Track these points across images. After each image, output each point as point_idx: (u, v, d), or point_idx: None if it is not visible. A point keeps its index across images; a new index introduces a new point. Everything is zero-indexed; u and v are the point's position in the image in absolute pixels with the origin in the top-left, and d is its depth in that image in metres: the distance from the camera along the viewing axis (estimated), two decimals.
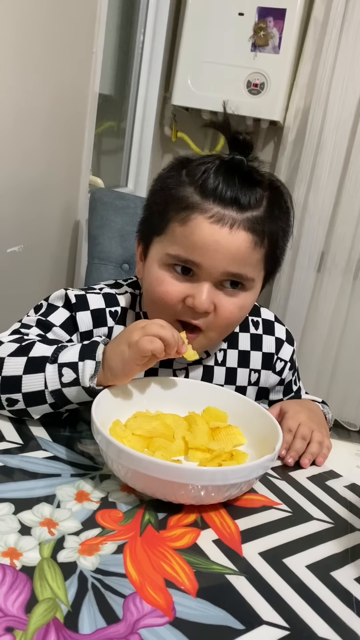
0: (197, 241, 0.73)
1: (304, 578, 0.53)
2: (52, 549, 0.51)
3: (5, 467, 0.63)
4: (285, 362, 0.94)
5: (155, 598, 0.47)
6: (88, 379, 0.68)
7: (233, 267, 0.75)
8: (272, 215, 0.77)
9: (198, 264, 0.74)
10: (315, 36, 2.06)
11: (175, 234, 0.76)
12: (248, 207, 0.74)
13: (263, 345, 0.92)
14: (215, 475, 0.58)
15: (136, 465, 0.57)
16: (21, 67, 1.29)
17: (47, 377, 0.69)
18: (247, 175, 0.75)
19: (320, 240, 2.19)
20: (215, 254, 0.73)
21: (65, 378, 0.69)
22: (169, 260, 0.76)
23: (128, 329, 0.70)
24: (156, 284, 0.78)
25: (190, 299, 0.75)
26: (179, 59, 2.12)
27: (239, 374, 0.91)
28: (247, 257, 0.75)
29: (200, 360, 0.87)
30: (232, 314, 0.78)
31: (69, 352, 0.70)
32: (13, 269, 1.43)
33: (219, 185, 0.73)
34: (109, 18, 1.71)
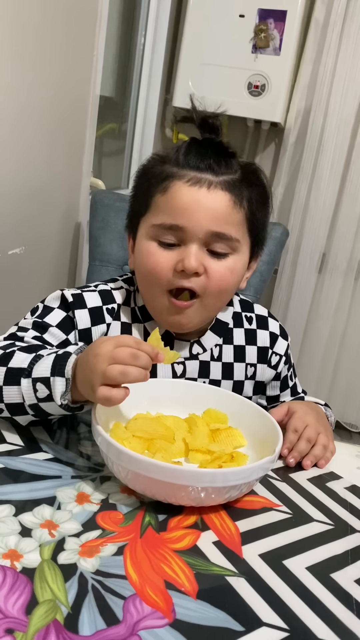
0: (179, 204, 0.77)
1: (304, 580, 0.53)
2: (52, 550, 0.51)
3: (6, 469, 0.63)
4: (280, 356, 0.95)
5: (155, 600, 0.47)
6: (59, 397, 0.65)
7: (216, 226, 0.77)
8: (247, 181, 0.81)
9: (182, 227, 0.77)
10: (315, 38, 2.06)
11: (158, 204, 0.79)
12: (223, 172, 0.78)
13: (257, 339, 0.94)
14: (215, 477, 0.58)
15: (136, 467, 0.58)
16: (22, 69, 1.29)
17: (23, 391, 0.67)
18: (219, 145, 0.80)
19: (322, 241, 2.19)
20: (196, 213, 0.76)
21: (40, 394, 0.66)
22: (156, 231, 0.79)
23: (94, 347, 0.63)
24: (146, 257, 0.80)
25: (180, 263, 0.77)
26: (180, 61, 2.12)
27: (235, 368, 0.91)
28: (228, 215, 0.78)
29: (196, 356, 0.88)
30: (223, 276, 0.79)
31: (43, 364, 0.67)
32: (14, 270, 1.43)
33: (193, 156, 0.78)
34: (109, 20, 1.72)
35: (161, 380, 0.83)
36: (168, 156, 0.81)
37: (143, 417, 0.72)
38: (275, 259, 1.60)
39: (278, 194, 2.24)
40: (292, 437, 0.76)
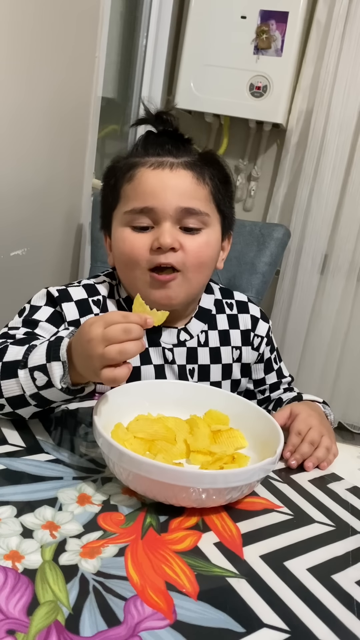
0: (146, 187, 0.82)
1: (305, 581, 0.53)
2: (53, 551, 0.52)
3: (7, 470, 0.63)
4: (262, 338, 0.99)
5: (156, 601, 0.47)
6: (59, 381, 0.66)
7: (184, 202, 0.81)
8: (206, 161, 0.86)
9: (152, 208, 0.81)
10: (317, 39, 2.06)
11: (127, 193, 0.84)
12: (182, 154, 0.84)
13: (240, 323, 0.98)
14: (216, 478, 0.58)
15: (138, 468, 0.58)
16: (24, 71, 1.29)
17: (22, 383, 0.68)
18: (176, 134, 0.87)
19: (323, 242, 2.19)
20: (164, 193, 0.81)
21: (39, 382, 0.67)
22: (128, 217, 0.83)
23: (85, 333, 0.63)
24: (122, 243, 0.84)
25: (156, 242, 0.81)
26: (182, 62, 2.12)
27: (222, 352, 0.94)
28: (194, 191, 0.83)
29: (184, 342, 0.91)
30: (200, 249, 0.83)
31: (37, 352, 0.68)
32: (16, 272, 1.43)
33: (152, 144, 0.85)
34: (111, 21, 1.72)
35: (162, 382, 0.83)
36: (131, 151, 0.88)
37: (144, 418, 0.72)
38: (277, 260, 1.60)
39: (280, 194, 2.24)
40: (295, 439, 0.76)
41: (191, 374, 0.92)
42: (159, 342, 0.90)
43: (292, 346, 2.30)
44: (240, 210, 2.37)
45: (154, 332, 0.89)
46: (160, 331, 0.90)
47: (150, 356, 0.89)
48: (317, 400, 0.93)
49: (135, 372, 0.86)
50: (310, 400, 0.92)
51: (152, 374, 0.88)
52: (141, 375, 0.87)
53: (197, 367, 0.92)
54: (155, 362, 0.89)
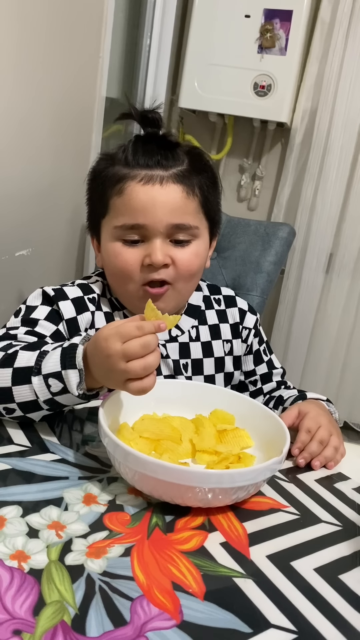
0: (136, 204, 0.82)
1: (312, 581, 0.53)
2: (59, 551, 0.51)
3: (13, 470, 0.63)
4: (249, 329, 1.01)
5: (163, 601, 0.47)
6: (76, 388, 0.66)
7: (174, 218, 0.82)
8: (195, 168, 0.86)
9: (143, 225, 0.82)
10: (322, 37, 2.05)
11: (116, 206, 0.84)
12: (172, 165, 0.83)
13: (228, 317, 1.00)
14: (222, 478, 0.58)
15: (143, 468, 0.58)
16: (28, 72, 1.29)
17: (36, 389, 0.68)
18: (164, 140, 0.85)
19: (329, 241, 2.18)
20: (154, 210, 0.81)
21: (54, 388, 0.67)
22: (118, 232, 0.84)
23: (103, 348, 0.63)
24: (114, 258, 0.85)
25: (148, 258, 0.82)
26: (186, 62, 2.12)
27: (214, 346, 0.97)
28: (184, 206, 0.83)
29: (175, 338, 0.93)
30: (190, 262, 0.85)
31: (51, 359, 0.67)
32: (21, 272, 1.43)
33: (141, 154, 0.83)
34: (115, 21, 1.72)
35: (168, 381, 0.83)
36: (116, 156, 0.86)
37: (150, 418, 0.72)
38: (282, 259, 1.60)
39: (285, 194, 2.24)
40: (305, 437, 0.76)
41: (185, 368, 0.93)
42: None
43: (298, 345, 2.29)
44: (244, 210, 2.37)
45: None
46: None
47: None
48: (320, 398, 0.93)
49: None
50: (314, 398, 0.92)
51: None
52: None
53: (190, 362, 0.94)
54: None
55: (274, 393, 1.01)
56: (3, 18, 1.18)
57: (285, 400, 0.97)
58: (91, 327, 0.88)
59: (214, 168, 0.91)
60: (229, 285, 1.54)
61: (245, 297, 1.49)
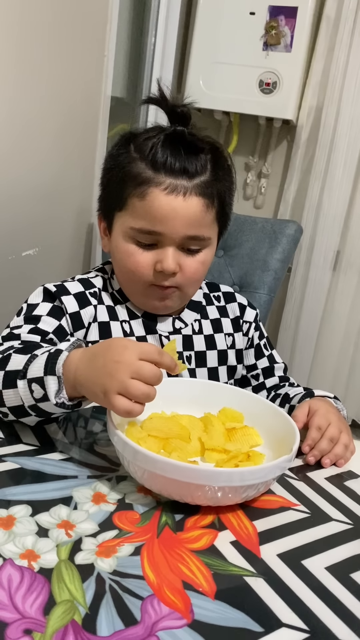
0: (157, 212, 0.82)
1: (323, 580, 0.52)
2: (69, 550, 0.51)
3: (22, 469, 0.63)
4: (250, 323, 1.02)
5: (173, 600, 0.47)
6: (54, 396, 0.64)
7: (191, 231, 0.84)
8: (217, 177, 0.86)
9: (160, 233, 0.83)
10: (327, 34, 2.04)
11: (136, 208, 0.83)
12: (196, 174, 0.83)
13: (228, 312, 1.02)
14: (232, 476, 0.58)
15: (152, 466, 0.57)
16: (34, 72, 1.29)
17: (21, 394, 0.66)
18: (191, 144, 0.84)
19: (335, 239, 2.17)
20: (174, 221, 0.82)
21: (36, 394, 0.65)
22: (135, 234, 0.84)
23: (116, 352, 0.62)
24: (126, 257, 0.86)
25: (159, 265, 0.84)
26: (191, 60, 2.11)
27: (217, 339, 0.98)
28: (202, 219, 0.84)
29: (179, 330, 0.94)
30: (196, 270, 0.87)
31: (37, 363, 0.66)
32: (28, 271, 1.44)
33: (167, 159, 0.82)
34: (120, 21, 1.72)
35: (176, 380, 0.83)
36: (140, 149, 0.83)
37: (158, 416, 0.72)
38: (288, 258, 1.59)
39: (291, 191, 2.23)
40: (315, 434, 0.76)
41: (188, 360, 0.94)
42: (155, 329, 0.92)
43: (305, 343, 2.28)
44: (251, 208, 2.36)
45: (151, 320, 0.92)
46: (156, 320, 0.93)
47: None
48: (328, 396, 0.92)
49: None
50: (322, 395, 0.91)
51: None
52: None
53: (193, 354, 0.95)
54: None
55: (279, 390, 1.01)
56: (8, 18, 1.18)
57: (291, 398, 0.96)
58: (94, 320, 0.89)
59: (232, 167, 0.91)
60: (236, 283, 1.54)
61: (253, 295, 1.49)
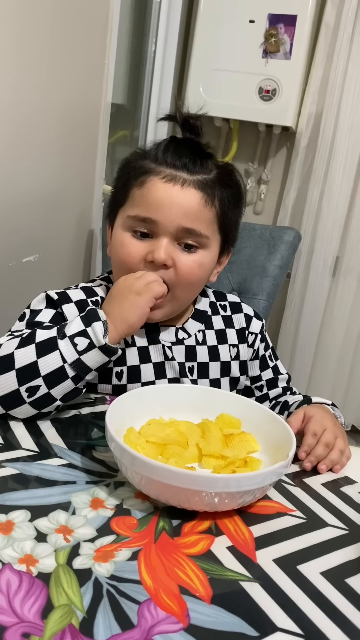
0: (153, 199, 0.82)
1: (319, 585, 0.53)
2: (67, 555, 0.52)
3: (21, 475, 0.63)
4: (256, 335, 1.01)
5: (170, 604, 0.48)
6: (102, 337, 0.74)
7: (187, 222, 0.82)
8: (221, 182, 0.86)
9: (155, 221, 0.82)
10: (326, 41, 2.06)
11: (135, 197, 0.85)
12: (197, 171, 0.84)
13: (234, 323, 1.00)
14: (229, 482, 0.58)
15: (150, 472, 0.58)
16: (34, 78, 1.30)
17: (63, 352, 0.73)
18: (197, 145, 0.86)
19: (335, 244, 2.18)
20: (169, 209, 0.82)
21: (80, 346, 0.74)
22: (130, 222, 0.85)
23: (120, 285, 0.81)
24: (120, 247, 0.86)
25: (150, 255, 0.83)
26: (191, 67, 2.13)
27: (220, 350, 0.97)
28: (199, 213, 0.83)
29: (182, 341, 0.94)
30: (191, 269, 0.85)
31: (73, 325, 0.75)
32: (29, 278, 1.44)
33: (170, 154, 0.84)
34: (120, 27, 1.73)
35: (174, 386, 0.84)
36: (149, 151, 0.87)
37: (156, 422, 0.73)
38: (288, 263, 1.60)
39: (290, 197, 2.24)
40: (311, 440, 0.77)
41: (190, 371, 0.93)
42: (158, 339, 0.92)
43: (305, 349, 2.29)
44: (250, 214, 2.37)
45: (153, 330, 0.92)
46: (159, 330, 0.92)
47: (150, 354, 0.91)
48: (325, 403, 0.93)
49: (135, 371, 0.89)
50: (319, 402, 0.92)
51: (151, 373, 0.90)
52: (141, 374, 0.89)
53: (196, 365, 0.94)
54: (155, 360, 0.91)
55: (280, 398, 1.02)
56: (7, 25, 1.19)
57: (290, 405, 0.97)
58: None
59: (242, 188, 0.91)
60: (234, 290, 1.55)
61: (251, 301, 1.49)
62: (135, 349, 0.89)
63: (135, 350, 0.89)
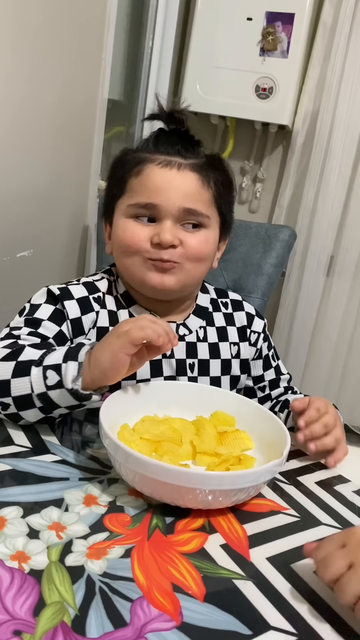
0: (152, 184, 0.84)
1: (312, 583, 0.53)
2: (60, 552, 0.52)
3: (14, 471, 0.63)
4: (258, 334, 1.01)
5: (163, 602, 0.47)
6: (70, 381, 0.67)
7: (187, 202, 0.84)
8: (212, 166, 0.88)
9: (156, 205, 0.83)
10: (323, 40, 2.06)
11: (133, 186, 0.86)
12: (190, 157, 0.86)
13: (235, 321, 1.00)
14: (222, 480, 0.58)
15: (144, 469, 0.58)
16: (30, 73, 1.30)
17: (33, 380, 0.69)
18: (185, 133, 0.89)
19: (330, 244, 2.18)
20: (169, 192, 0.83)
21: (50, 380, 0.68)
22: (131, 210, 0.85)
23: (116, 326, 0.71)
24: (123, 233, 0.86)
25: (156, 237, 0.83)
26: (188, 64, 2.12)
27: (221, 347, 0.96)
28: (198, 194, 0.85)
29: (183, 337, 0.93)
30: (199, 244, 0.86)
31: (55, 354, 0.70)
32: (23, 273, 1.44)
33: (162, 142, 0.87)
34: (118, 24, 1.72)
35: (169, 383, 0.83)
36: (140, 145, 0.90)
37: (150, 419, 0.72)
38: (282, 262, 1.60)
39: (286, 196, 2.24)
40: (313, 413, 0.77)
41: (191, 368, 0.93)
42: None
43: (298, 348, 2.29)
44: (245, 212, 2.37)
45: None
46: None
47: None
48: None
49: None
50: None
51: (147, 370, 0.89)
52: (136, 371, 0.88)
53: (196, 362, 0.93)
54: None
55: (281, 397, 1.02)
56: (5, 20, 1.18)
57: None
58: (93, 326, 0.88)
59: (231, 173, 0.93)
60: (229, 288, 1.55)
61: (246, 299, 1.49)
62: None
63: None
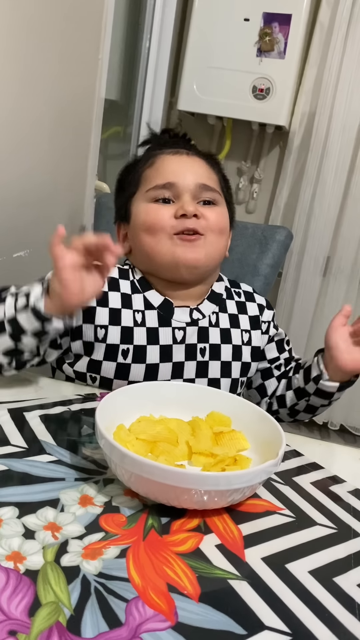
0: (167, 169, 0.93)
1: (307, 583, 0.53)
2: (55, 552, 0.52)
3: (9, 471, 0.63)
4: (269, 322, 1.06)
5: (158, 602, 0.47)
6: (34, 300, 0.75)
7: (202, 179, 0.93)
8: (211, 162, 0.99)
9: (174, 183, 0.91)
10: (320, 41, 2.06)
11: (148, 176, 0.94)
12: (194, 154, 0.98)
13: (247, 310, 1.04)
14: (218, 480, 0.58)
15: (139, 469, 0.58)
16: (27, 73, 1.30)
17: (6, 307, 0.77)
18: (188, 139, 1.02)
19: (326, 244, 2.19)
20: (184, 171, 0.93)
21: (19, 303, 0.76)
22: (151, 193, 0.92)
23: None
24: (147, 215, 0.92)
25: (180, 209, 0.89)
26: (185, 64, 2.13)
27: (232, 333, 1.00)
28: (209, 173, 0.95)
29: (196, 321, 0.96)
30: (218, 216, 0.93)
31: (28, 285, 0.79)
32: (19, 273, 1.43)
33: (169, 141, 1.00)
34: (115, 24, 1.72)
35: (165, 383, 0.83)
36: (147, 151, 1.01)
37: (146, 419, 0.72)
38: (279, 263, 1.60)
39: (282, 197, 2.24)
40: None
41: (202, 352, 0.95)
42: (170, 321, 0.93)
43: (295, 348, 2.28)
44: (242, 212, 2.37)
45: (167, 311, 0.94)
46: (173, 310, 0.94)
47: (159, 336, 0.92)
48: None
49: (141, 351, 0.90)
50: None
51: (156, 355, 0.91)
52: (146, 355, 0.90)
53: (208, 346, 0.96)
54: (163, 342, 0.92)
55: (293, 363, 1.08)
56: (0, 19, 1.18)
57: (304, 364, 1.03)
58: (104, 305, 0.91)
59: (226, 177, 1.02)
60: None
61: None
62: (144, 329, 0.91)
63: (144, 330, 0.91)
